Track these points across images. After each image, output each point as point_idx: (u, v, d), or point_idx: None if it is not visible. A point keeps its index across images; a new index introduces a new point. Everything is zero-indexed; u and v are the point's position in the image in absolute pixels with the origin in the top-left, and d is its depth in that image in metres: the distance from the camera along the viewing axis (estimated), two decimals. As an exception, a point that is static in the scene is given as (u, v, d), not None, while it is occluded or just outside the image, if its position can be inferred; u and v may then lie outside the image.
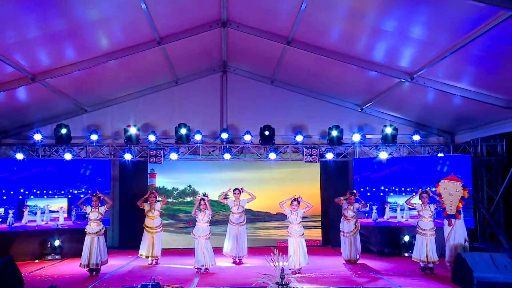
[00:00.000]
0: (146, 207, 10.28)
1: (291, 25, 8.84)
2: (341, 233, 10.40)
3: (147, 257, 10.09)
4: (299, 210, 9.17)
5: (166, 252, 11.17)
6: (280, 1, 8.42)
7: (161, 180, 12.87)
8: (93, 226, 9.00)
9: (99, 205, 9.19)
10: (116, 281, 8.22)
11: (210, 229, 9.35)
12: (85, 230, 9.09)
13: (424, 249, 8.96)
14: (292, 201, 9.23)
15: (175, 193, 12.99)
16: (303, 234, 9.20)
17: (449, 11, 6.64)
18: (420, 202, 9.25)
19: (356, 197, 10.44)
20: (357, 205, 10.33)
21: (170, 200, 12.73)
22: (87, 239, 8.96)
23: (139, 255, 10.26)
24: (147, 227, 10.25)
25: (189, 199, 13.00)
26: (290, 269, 8.71)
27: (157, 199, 10.46)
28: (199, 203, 9.26)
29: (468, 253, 8.22)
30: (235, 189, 10.46)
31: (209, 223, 9.33)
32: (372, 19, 7.85)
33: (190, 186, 13.03)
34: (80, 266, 8.88)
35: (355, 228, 10.26)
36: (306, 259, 9.08)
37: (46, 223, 11.10)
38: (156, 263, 10.09)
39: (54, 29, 7.91)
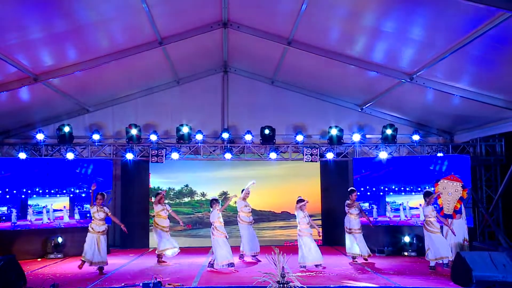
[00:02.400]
0: (158, 207, 10.28)
1: (292, 26, 8.91)
2: (349, 230, 10.19)
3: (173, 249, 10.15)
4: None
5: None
6: (280, 2, 8.48)
7: (155, 181, 12.88)
8: (99, 225, 9.04)
9: (102, 204, 9.21)
10: (117, 280, 8.29)
11: None
12: (90, 228, 9.06)
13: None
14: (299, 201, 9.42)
15: (172, 193, 12.99)
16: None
17: (448, 12, 6.70)
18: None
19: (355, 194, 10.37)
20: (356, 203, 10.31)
21: (166, 201, 12.77)
22: (93, 237, 8.97)
23: (162, 252, 10.14)
24: (163, 226, 10.21)
25: (186, 199, 13.00)
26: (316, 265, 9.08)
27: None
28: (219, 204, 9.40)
29: (467, 252, 8.29)
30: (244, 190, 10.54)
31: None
32: (372, 20, 7.92)
33: (187, 185, 13.04)
34: (83, 260, 8.82)
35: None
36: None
37: (48, 222, 11.18)
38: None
39: (57, 30, 7.98)
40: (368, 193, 11.91)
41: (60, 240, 11.02)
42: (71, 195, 11.45)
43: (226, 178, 12.89)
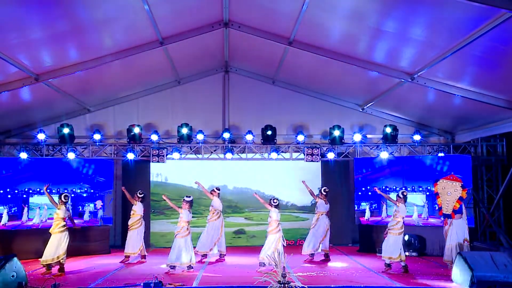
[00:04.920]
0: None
1: (293, 26, 8.91)
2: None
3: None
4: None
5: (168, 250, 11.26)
6: (281, 2, 8.48)
7: (156, 180, 12.82)
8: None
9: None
10: (118, 279, 8.30)
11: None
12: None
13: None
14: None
15: (169, 194, 12.96)
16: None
17: (449, 12, 6.70)
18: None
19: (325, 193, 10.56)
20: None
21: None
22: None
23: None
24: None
25: None
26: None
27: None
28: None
29: (468, 252, 8.28)
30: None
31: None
32: (373, 20, 7.91)
33: (184, 186, 12.99)
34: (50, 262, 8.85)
35: (316, 221, 10.44)
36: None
37: (49, 221, 11.18)
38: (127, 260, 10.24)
39: (58, 30, 8.00)
40: (369, 193, 11.91)
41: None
42: (72, 195, 11.44)
43: (227, 177, 12.86)
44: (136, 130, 11.85)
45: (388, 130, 11.93)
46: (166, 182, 12.94)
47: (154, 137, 11.95)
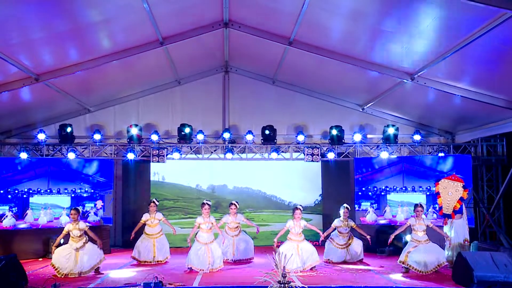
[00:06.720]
0: (144, 217, 10.27)
1: (293, 26, 8.90)
2: (335, 244, 10.27)
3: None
4: (301, 220, 9.23)
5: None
6: (281, 2, 8.48)
7: (156, 180, 12.85)
8: (76, 241, 8.75)
9: (78, 219, 8.90)
10: (118, 280, 8.29)
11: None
12: (66, 243, 8.84)
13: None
14: (294, 209, 9.30)
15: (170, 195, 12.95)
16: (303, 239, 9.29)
17: (449, 12, 6.70)
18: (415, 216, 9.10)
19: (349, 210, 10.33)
20: (351, 222, 10.30)
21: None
22: (70, 252, 8.67)
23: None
24: (147, 234, 10.23)
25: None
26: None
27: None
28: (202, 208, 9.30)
29: (468, 252, 8.29)
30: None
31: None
32: (373, 20, 7.91)
33: (183, 186, 13.00)
34: (58, 275, 8.48)
35: (350, 239, 10.25)
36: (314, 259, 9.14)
37: (49, 222, 11.19)
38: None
39: (58, 30, 7.99)
40: (370, 193, 11.91)
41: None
42: (73, 195, 11.45)
43: (227, 177, 12.86)
44: (134, 131, 11.82)
45: (391, 130, 11.88)
46: (163, 182, 12.93)
47: (154, 137, 11.95)
